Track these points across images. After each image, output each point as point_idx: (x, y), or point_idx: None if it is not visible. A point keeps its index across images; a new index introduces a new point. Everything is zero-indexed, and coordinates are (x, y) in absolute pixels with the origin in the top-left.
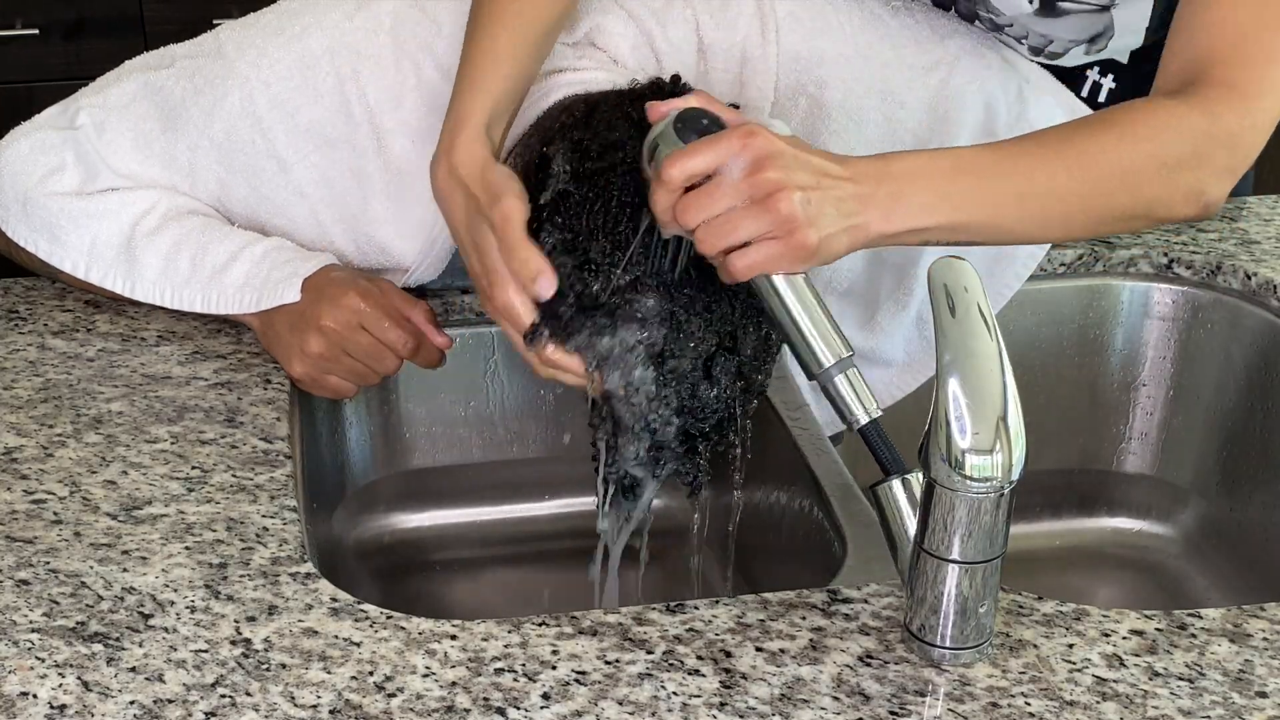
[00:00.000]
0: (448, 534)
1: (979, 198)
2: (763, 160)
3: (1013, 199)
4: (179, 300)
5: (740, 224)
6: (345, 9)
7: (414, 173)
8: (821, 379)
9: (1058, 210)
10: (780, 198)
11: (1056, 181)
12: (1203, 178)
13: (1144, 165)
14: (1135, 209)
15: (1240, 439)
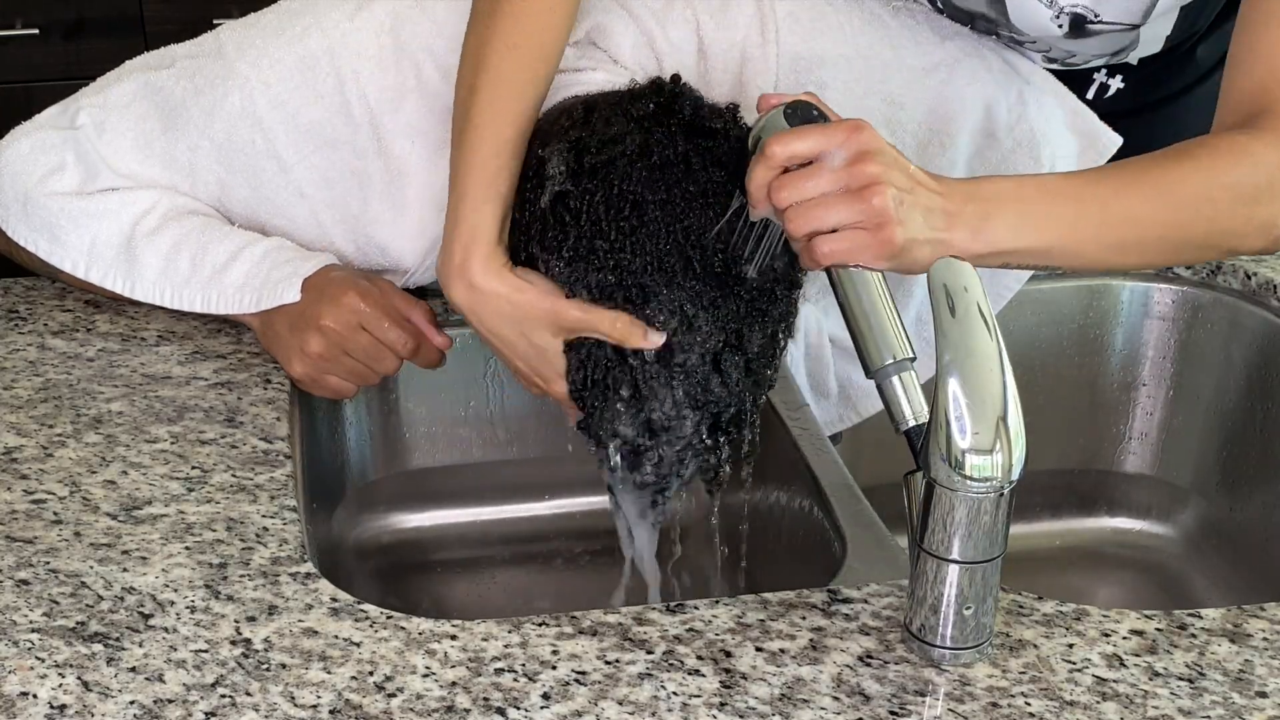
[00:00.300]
0: (448, 534)
1: (1063, 223)
2: (865, 154)
3: (1094, 226)
4: (179, 300)
5: (833, 209)
6: (346, 9)
7: (414, 173)
8: (877, 376)
9: (1135, 237)
10: (875, 190)
11: (1136, 210)
12: (1275, 211)
13: (1220, 197)
14: (1210, 239)
15: (1240, 439)
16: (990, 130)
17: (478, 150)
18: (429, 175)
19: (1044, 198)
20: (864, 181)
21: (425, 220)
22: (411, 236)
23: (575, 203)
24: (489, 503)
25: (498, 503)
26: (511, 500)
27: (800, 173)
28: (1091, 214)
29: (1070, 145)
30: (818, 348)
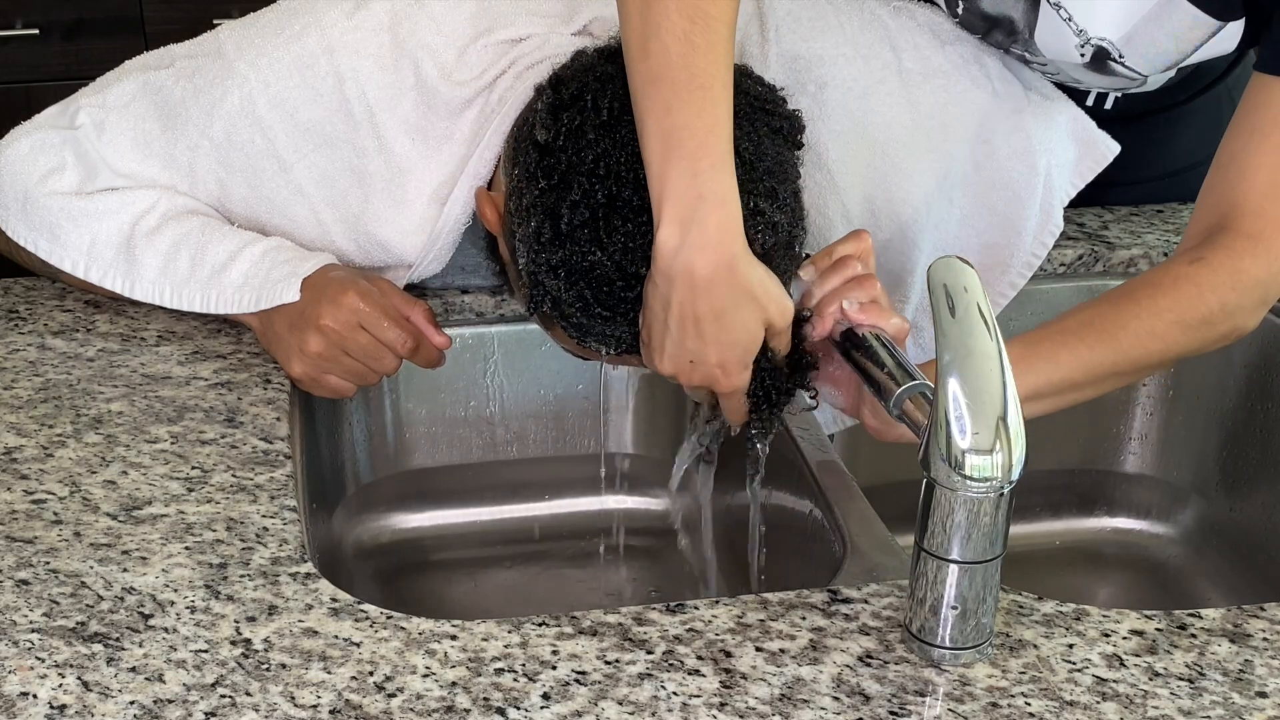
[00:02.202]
0: (448, 534)
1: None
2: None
3: (1044, 377)
4: (178, 300)
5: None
6: (344, 8)
7: (414, 170)
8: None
9: (1088, 379)
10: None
11: (1085, 357)
12: (1235, 323)
13: (1168, 330)
14: (1168, 360)
15: (1240, 439)
16: (987, 137)
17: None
18: (428, 172)
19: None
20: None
21: (426, 216)
22: (412, 233)
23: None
24: (489, 503)
25: (498, 503)
26: (511, 500)
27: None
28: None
29: (1069, 153)
30: None
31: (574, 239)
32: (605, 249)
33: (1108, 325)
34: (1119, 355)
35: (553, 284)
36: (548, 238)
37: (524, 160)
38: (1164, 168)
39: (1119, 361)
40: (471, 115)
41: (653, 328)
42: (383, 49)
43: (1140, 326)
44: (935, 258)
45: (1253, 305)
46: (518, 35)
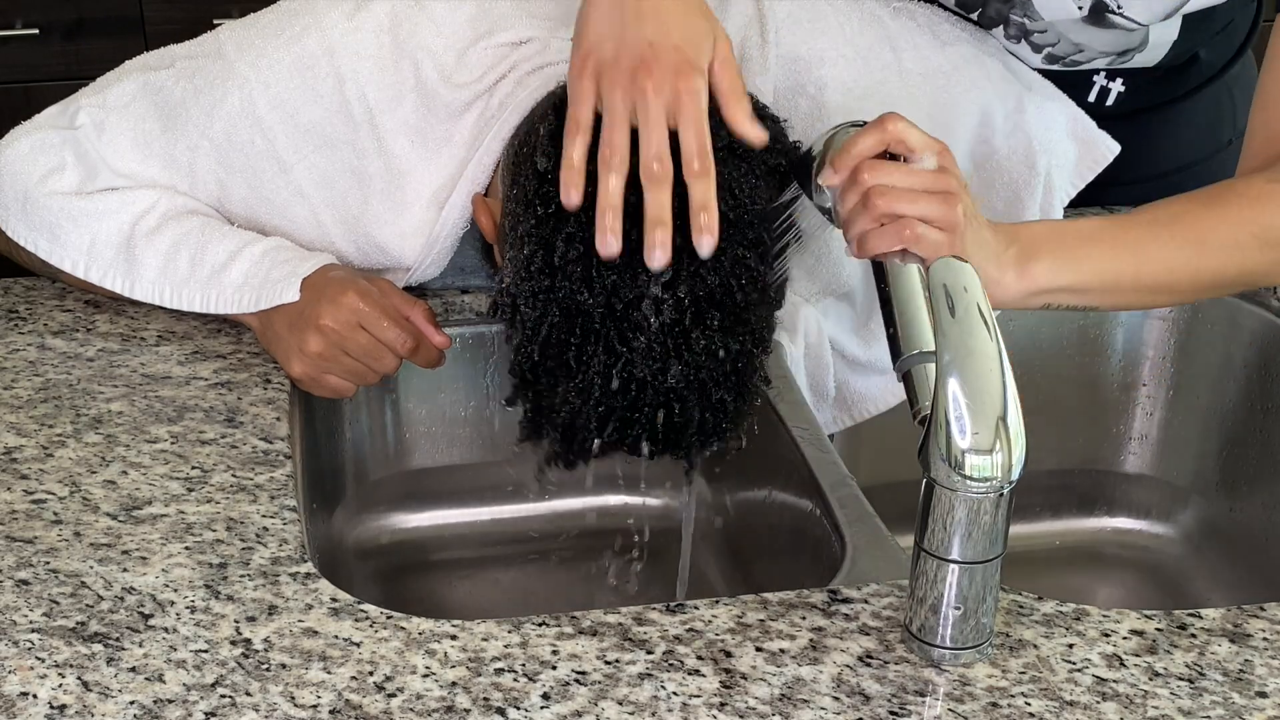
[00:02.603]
0: (448, 534)
1: (1100, 266)
2: (950, 171)
3: (1130, 269)
4: (178, 300)
5: (919, 200)
6: (344, 9)
7: (413, 172)
8: (903, 364)
9: (1168, 282)
10: (956, 201)
11: (1169, 255)
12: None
13: (1248, 241)
14: (1239, 280)
15: (1240, 439)
16: (987, 137)
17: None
18: (428, 174)
19: (1080, 243)
20: (948, 188)
21: (425, 219)
22: (411, 235)
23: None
24: (489, 503)
25: (498, 503)
26: (511, 500)
27: (896, 164)
28: (1125, 259)
29: (1069, 153)
30: (817, 349)
31: (565, 273)
32: (593, 288)
33: (1197, 227)
34: (1201, 261)
35: (531, 315)
36: (538, 267)
37: (522, 184)
38: (1165, 165)
39: (1200, 269)
40: (471, 118)
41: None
42: (383, 50)
43: (1225, 235)
44: None
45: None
46: (518, 38)
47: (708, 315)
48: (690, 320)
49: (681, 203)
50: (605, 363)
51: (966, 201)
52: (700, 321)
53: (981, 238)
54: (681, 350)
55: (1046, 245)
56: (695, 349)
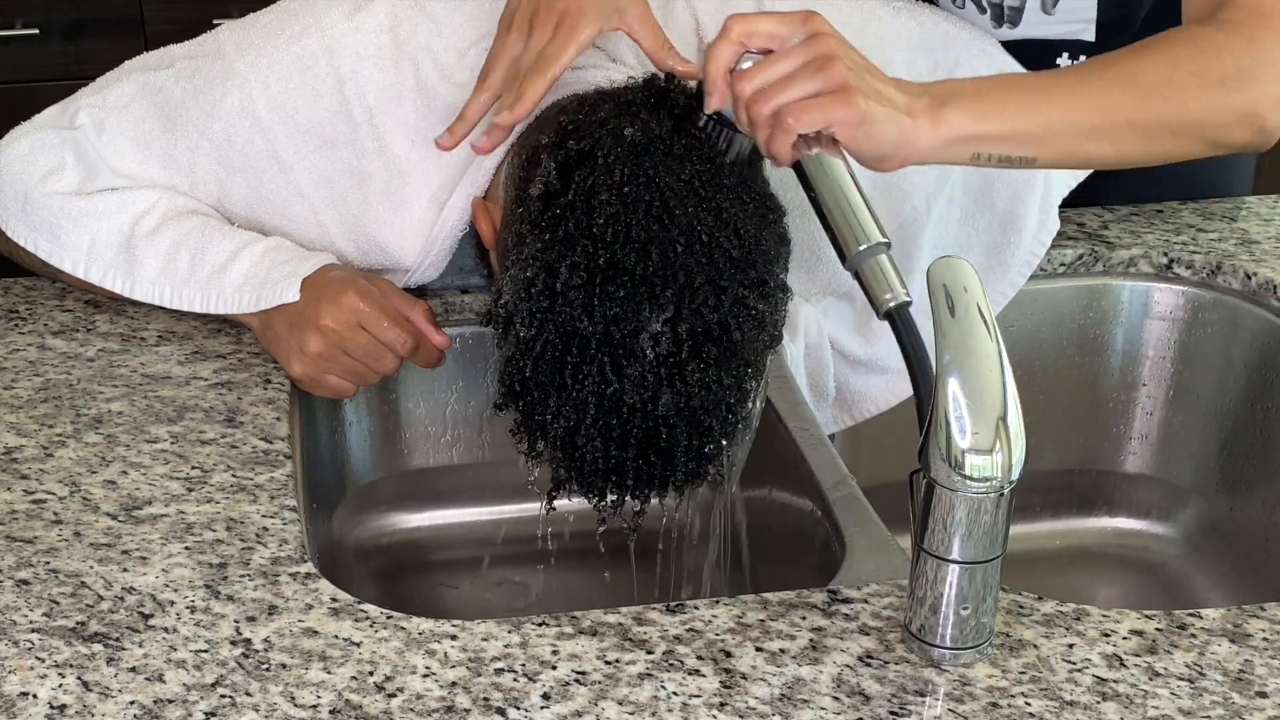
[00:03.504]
0: (448, 534)
1: (1025, 107)
2: (820, 34)
3: (1060, 111)
4: (178, 300)
5: (794, 83)
6: (344, 9)
7: (414, 173)
8: (854, 261)
9: (1104, 122)
10: (835, 63)
11: (1102, 98)
12: (1255, 100)
13: (1187, 82)
14: (1183, 125)
15: (1240, 439)
16: None
17: None
18: (428, 174)
19: (1004, 85)
20: (823, 52)
21: (425, 218)
22: (411, 236)
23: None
24: (489, 503)
25: (498, 503)
26: (511, 500)
27: (760, 62)
28: (1055, 101)
29: None
30: (817, 349)
31: (565, 298)
32: (593, 316)
33: (1130, 70)
34: (1137, 103)
35: (527, 334)
36: (539, 289)
37: (528, 205)
38: None
39: (1137, 108)
40: None
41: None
42: (383, 50)
43: (1159, 75)
44: (935, 257)
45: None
46: None
47: (704, 350)
48: (687, 354)
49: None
50: (597, 385)
51: (851, 55)
52: (696, 355)
53: (880, 87)
54: (675, 380)
55: (963, 92)
56: (690, 381)
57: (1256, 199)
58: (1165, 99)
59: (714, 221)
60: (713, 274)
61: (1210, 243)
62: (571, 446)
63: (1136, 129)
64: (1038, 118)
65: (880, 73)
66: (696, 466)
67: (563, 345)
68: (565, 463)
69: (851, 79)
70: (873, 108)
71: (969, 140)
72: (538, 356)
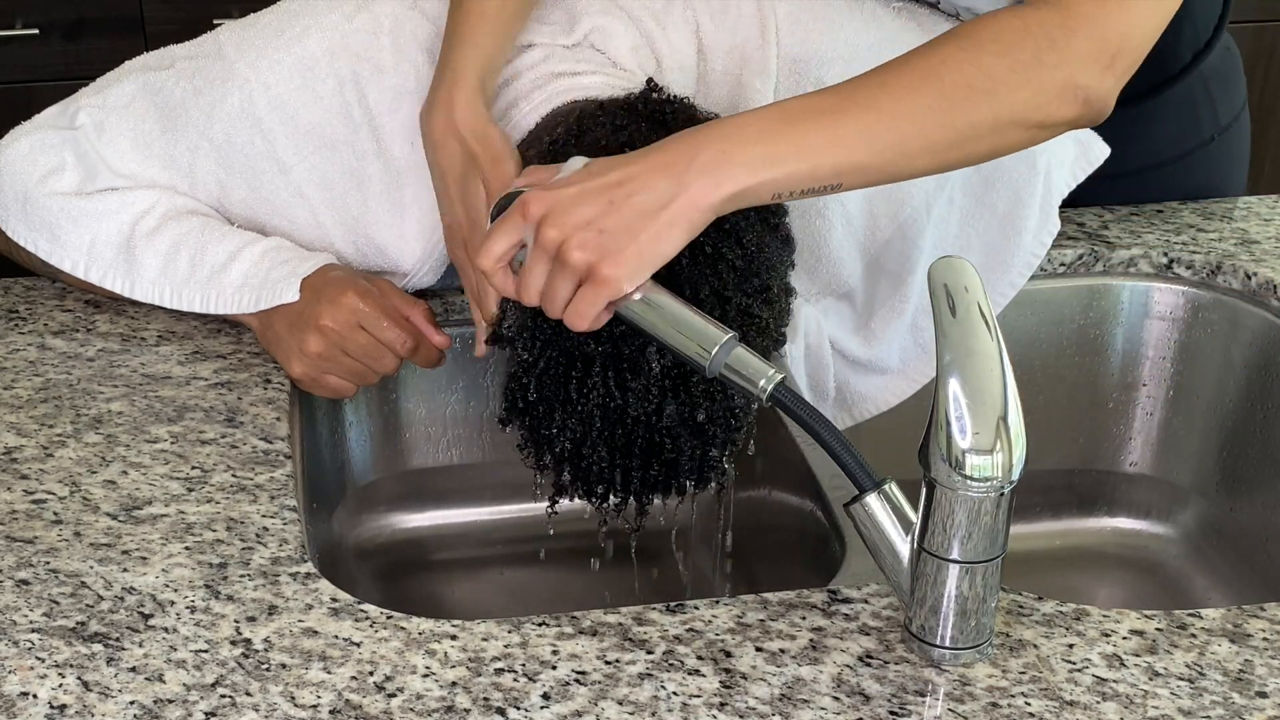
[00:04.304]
0: (448, 534)
1: (818, 139)
2: (542, 220)
3: (859, 132)
4: (178, 300)
5: (556, 287)
6: (345, 10)
7: (413, 175)
8: (713, 369)
9: (914, 133)
10: (565, 250)
11: (904, 104)
12: (1071, 71)
13: (994, 68)
14: (1002, 116)
15: (1240, 439)
16: None
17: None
18: (428, 177)
19: (790, 119)
20: (553, 247)
21: (425, 221)
22: (411, 238)
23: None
24: (489, 503)
25: (498, 503)
26: (511, 500)
27: (519, 274)
28: (852, 121)
29: (1068, 151)
30: (817, 349)
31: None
32: (599, 336)
33: (927, 67)
34: (944, 101)
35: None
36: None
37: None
38: (1140, 162)
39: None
40: None
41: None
42: (383, 52)
43: (963, 62)
44: (935, 258)
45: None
46: (521, 43)
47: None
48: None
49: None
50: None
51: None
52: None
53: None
54: (679, 392)
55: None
56: (694, 393)
57: (1256, 199)
58: (973, 91)
59: (716, 232)
60: (716, 285)
61: (1210, 243)
62: (577, 458)
63: (951, 131)
64: (836, 146)
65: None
66: (700, 473)
67: (567, 362)
68: (570, 473)
69: (590, 253)
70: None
71: (767, 186)
72: (541, 373)
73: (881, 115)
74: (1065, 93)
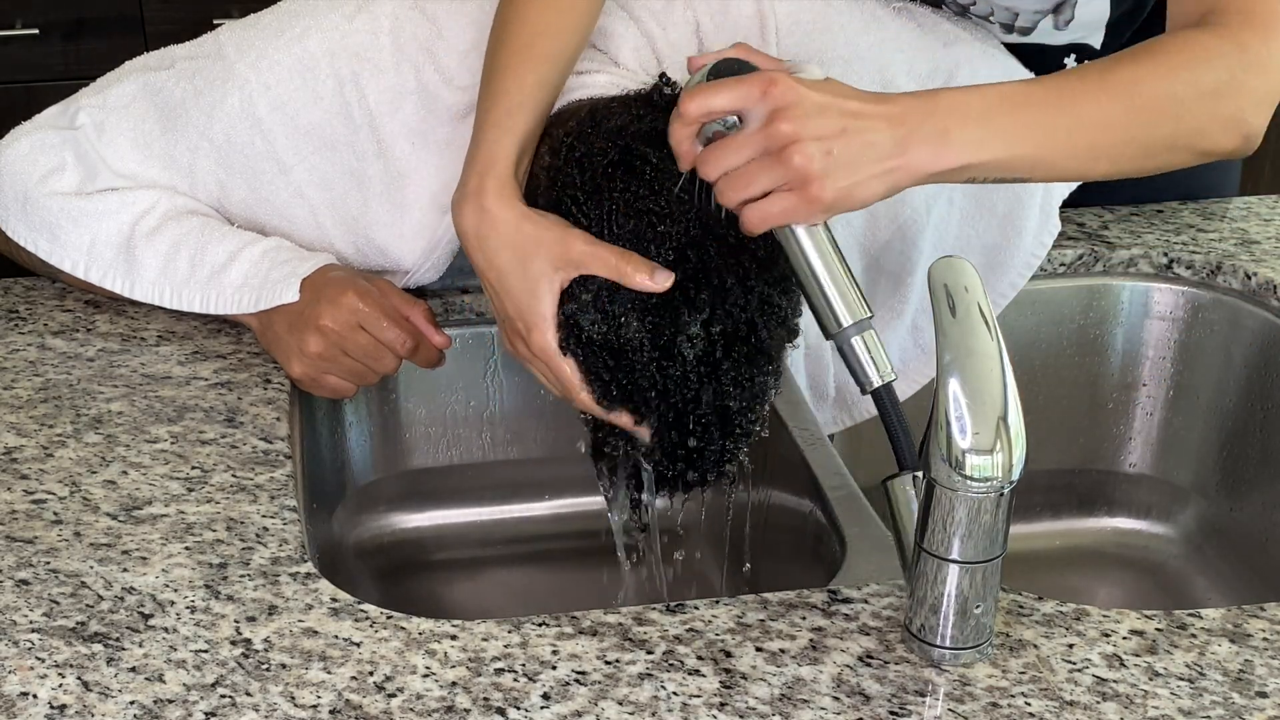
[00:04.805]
0: (448, 534)
1: (1028, 131)
2: (780, 110)
3: (1062, 131)
4: (178, 300)
5: (755, 176)
6: (345, 11)
7: (414, 175)
8: (838, 339)
9: (1104, 141)
10: (793, 150)
11: (1103, 112)
12: (1242, 106)
13: (1184, 93)
14: (1178, 138)
15: (1240, 439)
16: None
17: (499, 85)
18: (428, 177)
19: (1008, 106)
20: (780, 141)
21: (425, 221)
22: (411, 238)
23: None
24: (489, 503)
25: (498, 503)
26: (511, 500)
27: (720, 144)
28: (1059, 121)
29: None
30: (817, 350)
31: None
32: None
33: (1126, 81)
34: (1137, 117)
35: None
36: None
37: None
38: None
39: (1137, 124)
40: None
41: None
42: (383, 53)
43: (1158, 86)
44: (935, 258)
45: (1260, 91)
46: None
47: (735, 349)
48: (720, 353)
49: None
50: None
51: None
52: (729, 354)
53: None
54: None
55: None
56: (724, 380)
57: (1256, 199)
58: (1164, 112)
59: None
60: (740, 274)
61: (1210, 243)
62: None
63: (1136, 146)
64: (1042, 142)
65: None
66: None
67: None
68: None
69: (814, 165)
70: (845, 181)
71: (967, 170)
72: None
73: (1081, 119)
74: (1233, 126)
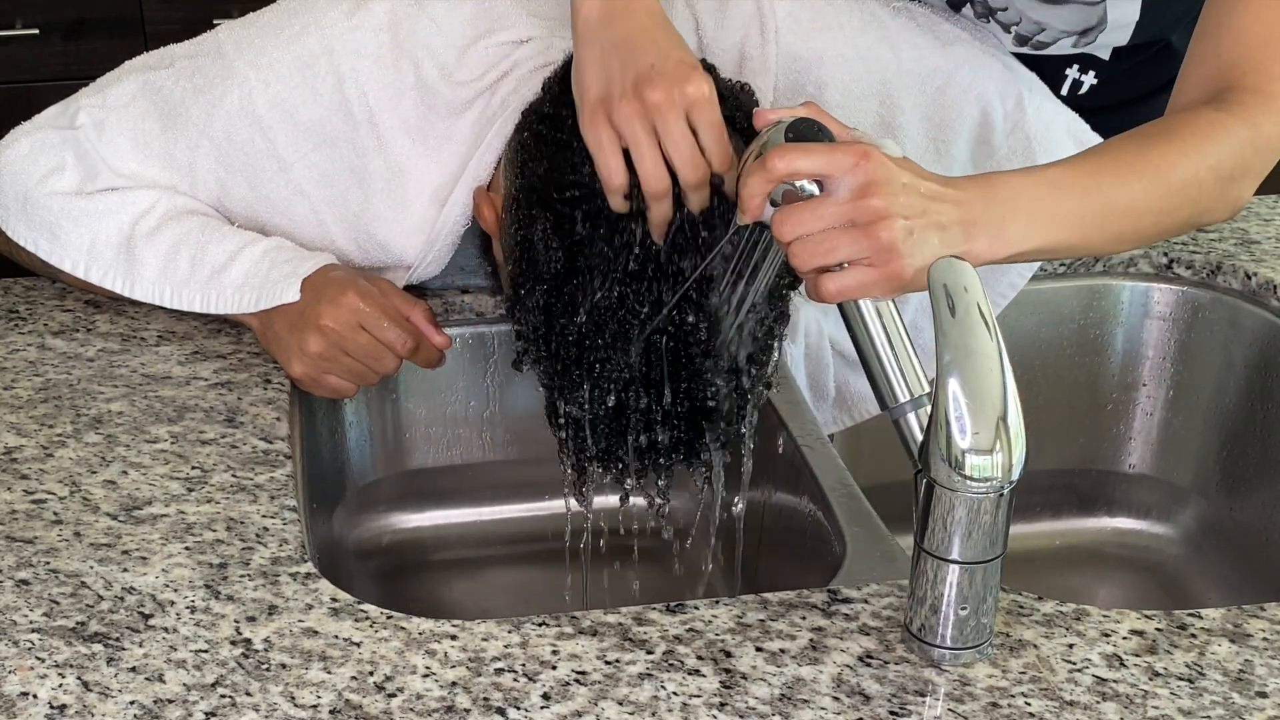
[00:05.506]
0: (448, 534)
1: (1069, 219)
2: (871, 185)
3: (1098, 217)
4: (178, 300)
5: (838, 245)
6: (344, 7)
7: (414, 170)
8: (894, 413)
9: (1133, 225)
10: (882, 226)
11: (1135, 198)
12: (1247, 186)
13: (1205, 178)
14: (1191, 219)
15: (1240, 439)
16: (986, 137)
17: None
18: (428, 172)
19: (1054, 194)
20: (870, 216)
21: (426, 216)
22: (412, 233)
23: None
24: (489, 503)
25: (498, 503)
26: (511, 500)
27: (803, 205)
28: (1096, 206)
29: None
30: (817, 350)
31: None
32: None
33: (1160, 166)
34: (1164, 201)
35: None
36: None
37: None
38: None
39: (1166, 209)
40: (472, 117)
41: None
42: (383, 49)
43: (1186, 172)
44: None
45: (1260, 169)
46: (519, 37)
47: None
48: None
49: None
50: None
51: (904, 205)
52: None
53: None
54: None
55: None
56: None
57: (1257, 199)
58: (1187, 197)
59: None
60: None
61: (1210, 243)
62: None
63: (1158, 229)
64: (1081, 229)
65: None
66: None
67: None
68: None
69: (900, 241)
70: (921, 262)
71: (1016, 257)
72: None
73: (1116, 205)
74: (1234, 204)
